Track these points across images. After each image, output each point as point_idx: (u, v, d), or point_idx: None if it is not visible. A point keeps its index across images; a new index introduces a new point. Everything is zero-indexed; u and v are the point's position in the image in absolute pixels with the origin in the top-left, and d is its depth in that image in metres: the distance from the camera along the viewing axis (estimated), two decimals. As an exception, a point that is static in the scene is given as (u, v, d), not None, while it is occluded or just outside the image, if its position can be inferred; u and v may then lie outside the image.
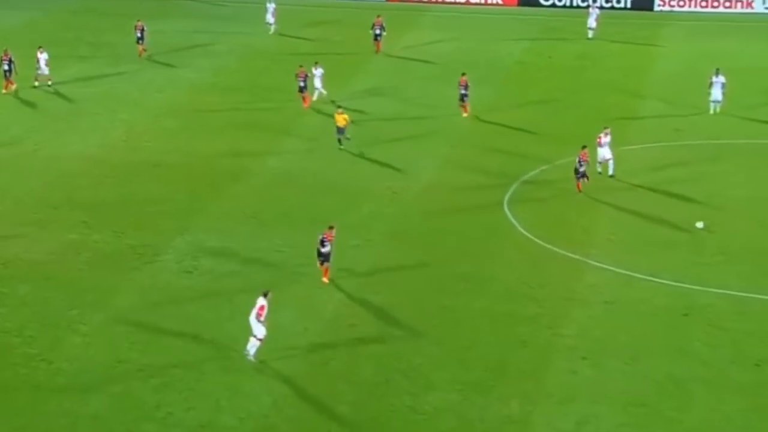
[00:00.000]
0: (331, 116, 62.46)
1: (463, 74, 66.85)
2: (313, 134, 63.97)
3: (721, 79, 65.58)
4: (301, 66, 68.00)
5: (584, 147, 54.56)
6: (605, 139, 56.27)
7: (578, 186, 54.46)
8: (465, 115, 66.65)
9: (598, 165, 56.48)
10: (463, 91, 66.38)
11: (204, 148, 61.86)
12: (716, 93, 65.66)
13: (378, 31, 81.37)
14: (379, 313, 43.22)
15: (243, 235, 50.40)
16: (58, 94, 72.00)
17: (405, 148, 61.61)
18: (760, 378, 38.62)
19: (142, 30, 79.65)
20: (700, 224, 39.06)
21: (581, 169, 54.00)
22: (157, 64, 79.18)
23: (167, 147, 62.02)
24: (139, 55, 79.90)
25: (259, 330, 38.86)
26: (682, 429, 35.73)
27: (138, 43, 79.95)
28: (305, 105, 67.89)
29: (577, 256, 47.93)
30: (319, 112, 67.59)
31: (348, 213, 52.70)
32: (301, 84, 67.52)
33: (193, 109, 68.95)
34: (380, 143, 62.32)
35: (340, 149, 60.12)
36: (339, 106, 62.56)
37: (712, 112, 65.88)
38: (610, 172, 56.43)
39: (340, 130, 60.43)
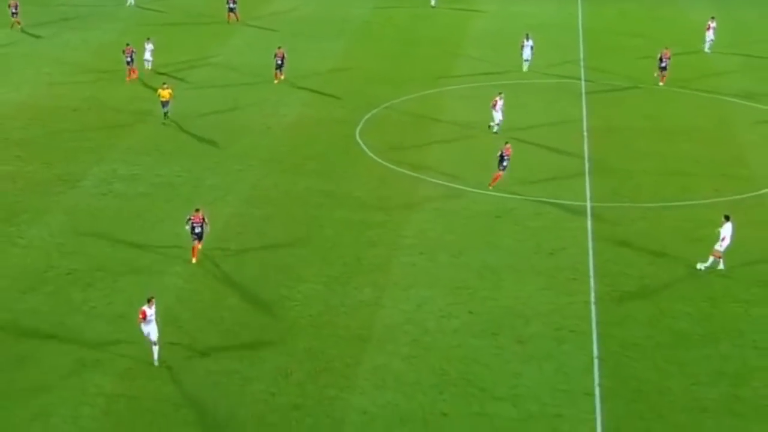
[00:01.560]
0: (225, 67, 61.21)
1: (279, 47, 63.29)
2: (202, 83, 63.04)
3: (531, 42, 65.83)
4: (127, 44, 63.49)
5: (507, 143, 47.40)
6: (500, 102, 53.55)
7: (495, 178, 46.48)
8: (276, 81, 62.53)
9: (492, 123, 53.77)
10: (279, 62, 62.43)
11: (113, 95, 60.51)
12: (527, 53, 65.92)
13: (231, 5, 78.01)
14: (260, 223, 43.32)
15: (147, 164, 49.75)
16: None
17: (274, 93, 61.03)
18: (554, 264, 39.83)
19: (16, 6, 76.02)
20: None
21: (504, 163, 46.19)
22: (71, 28, 76.83)
23: (83, 95, 60.53)
24: (11, 27, 75.77)
25: (145, 330, 32.86)
26: (496, 305, 36.73)
27: (12, 17, 75.97)
28: (134, 76, 62.84)
29: (415, 174, 48.49)
30: (208, 65, 66.87)
31: (231, 144, 52.46)
32: (128, 59, 62.69)
33: (102, 63, 67.17)
34: (254, 89, 61.72)
35: (164, 123, 55.60)
36: (164, 82, 57.44)
37: (525, 69, 66.13)
38: (495, 129, 53.44)
39: (164, 104, 55.03)
